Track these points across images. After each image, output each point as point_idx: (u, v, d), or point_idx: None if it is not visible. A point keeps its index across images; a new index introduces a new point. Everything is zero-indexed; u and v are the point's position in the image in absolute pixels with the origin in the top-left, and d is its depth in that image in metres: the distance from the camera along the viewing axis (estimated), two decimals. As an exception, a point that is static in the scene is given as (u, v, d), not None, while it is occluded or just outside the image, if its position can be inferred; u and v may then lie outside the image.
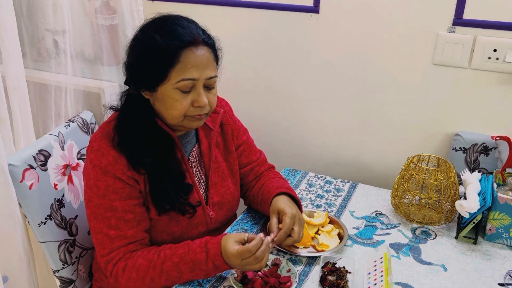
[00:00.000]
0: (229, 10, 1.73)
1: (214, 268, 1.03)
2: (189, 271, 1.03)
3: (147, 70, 1.03)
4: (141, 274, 1.03)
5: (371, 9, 1.52)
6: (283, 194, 1.19)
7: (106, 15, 1.57)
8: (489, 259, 1.17)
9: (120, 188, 1.06)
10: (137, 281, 1.04)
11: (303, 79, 1.71)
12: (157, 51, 1.00)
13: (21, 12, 1.50)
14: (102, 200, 1.05)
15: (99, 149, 1.06)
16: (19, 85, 1.28)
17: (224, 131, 1.27)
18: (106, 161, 1.05)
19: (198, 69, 1.02)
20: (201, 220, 1.17)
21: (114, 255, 1.06)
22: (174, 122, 1.08)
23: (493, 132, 1.47)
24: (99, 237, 1.07)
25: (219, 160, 1.23)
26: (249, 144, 1.34)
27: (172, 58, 1.00)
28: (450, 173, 1.28)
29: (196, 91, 1.04)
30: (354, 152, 1.73)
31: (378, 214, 1.37)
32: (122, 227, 1.05)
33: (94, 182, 1.06)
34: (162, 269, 1.03)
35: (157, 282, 1.04)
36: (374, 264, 1.07)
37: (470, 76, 1.47)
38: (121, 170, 1.05)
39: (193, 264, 1.03)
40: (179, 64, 1.00)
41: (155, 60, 1.01)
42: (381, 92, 1.61)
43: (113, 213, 1.05)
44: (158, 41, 1.00)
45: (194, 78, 1.02)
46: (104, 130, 1.09)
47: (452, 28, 1.44)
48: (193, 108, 1.05)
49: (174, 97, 1.03)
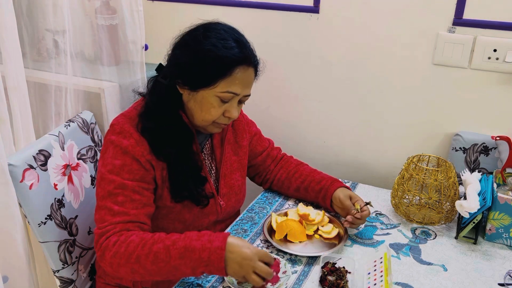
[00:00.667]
0: (229, 10, 1.73)
1: (206, 261, 0.95)
2: (178, 257, 0.96)
3: (198, 72, 1.07)
4: (129, 250, 0.99)
5: (371, 9, 1.53)
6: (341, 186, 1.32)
7: (106, 15, 1.57)
8: (489, 259, 1.17)
9: (136, 170, 1.08)
10: (122, 257, 0.99)
11: (303, 79, 1.72)
12: (215, 60, 1.05)
13: (21, 12, 1.50)
14: (115, 177, 1.07)
15: (121, 132, 1.09)
16: (19, 85, 1.28)
17: (234, 127, 1.33)
18: (127, 142, 1.08)
19: (243, 86, 1.09)
20: (212, 209, 1.22)
21: (110, 228, 1.04)
22: (200, 124, 1.13)
23: (493, 132, 1.47)
24: (101, 213, 1.06)
25: (229, 154, 1.29)
26: (259, 134, 1.44)
27: (225, 70, 1.06)
28: (450, 173, 1.28)
29: (231, 104, 1.11)
30: (354, 152, 1.73)
31: (378, 214, 1.37)
32: (127, 205, 1.06)
33: (111, 160, 1.08)
34: (151, 249, 0.98)
35: (142, 262, 0.98)
36: (374, 264, 1.07)
37: (470, 76, 1.47)
38: (141, 152, 1.08)
39: (185, 250, 0.97)
40: (229, 77, 1.06)
41: (209, 68, 1.06)
42: (381, 92, 1.61)
43: (122, 190, 1.06)
44: (220, 50, 1.05)
45: (236, 93, 1.09)
46: (128, 115, 1.13)
47: (452, 28, 1.44)
48: (223, 117, 1.12)
49: (212, 103, 1.09)
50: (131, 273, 1.00)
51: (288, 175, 1.41)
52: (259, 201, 1.43)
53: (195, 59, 1.07)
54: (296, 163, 1.43)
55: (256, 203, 1.42)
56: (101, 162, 1.11)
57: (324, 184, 1.33)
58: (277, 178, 1.43)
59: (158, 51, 1.73)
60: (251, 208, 1.39)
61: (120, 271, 1.01)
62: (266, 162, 1.43)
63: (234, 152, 1.31)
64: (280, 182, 1.43)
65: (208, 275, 1.07)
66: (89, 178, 1.41)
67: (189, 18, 1.13)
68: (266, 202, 1.42)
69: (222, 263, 0.94)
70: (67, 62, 1.49)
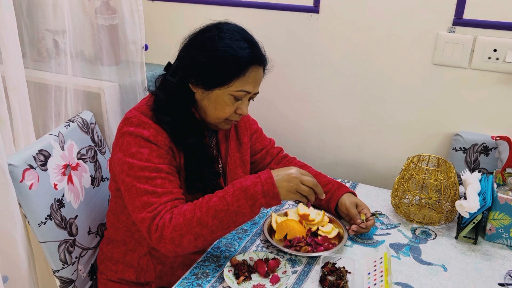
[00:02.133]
0: (229, 10, 1.73)
1: (261, 192, 1.03)
2: (236, 200, 1.03)
3: (214, 72, 1.10)
4: (187, 217, 1.03)
5: (371, 9, 1.53)
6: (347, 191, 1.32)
7: (106, 15, 1.57)
8: (489, 259, 1.17)
9: (164, 154, 1.10)
10: (183, 227, 1.03)
11: (302, 79, 1.72)
12: (230, 61, 1.09)
13: (21, 12, 1.50)
14: (147, 163, 1.08)
15: (140, 124, 1.11)
16: (19, 85, 1.28)
17: (236, 124, 1.34)
18: (148, 132, 1.10)
19: (254, 84, 1.14)
20: None
21: (161, 208, 1.06)
22: (213, 121, 1.17)
23: (493, 132, 1.47)
24: (144, 198, 1.06)
25: (233, 150, 1.31)
26: (260, 132, 1.45)
27: (240, 70, 1.10)
28: (450, 173, 1.28)
29: (243, 101, 1.15)
30: (354, 152, 1.73)
31: (378, 214, 1.37)
32: (167, 185, 1.08)
33: (137, 149, 1.09)
34: (208, 206, 1.04)
35: (203, 221, 1.03)
36: (374, 264, 1.07)
37: (470, 76, 1.47)
38: (163, 141, 1.11)
39: (240, 191, 1.04)
40: (243, 77, 1.11)
41: (225, 68, 1.09)
42: (381, 92, 1.61)
43: (158, 173, 1.08)
44: (235, 50, 1.09)
45: (249, 92, 1.13)
46: (141, 109, 1.15)
47: (452, 28, 1.44)
48: (235, 115, 1.17)
49: (226, 101, 1.13)
50: (194, 239, 1.03)
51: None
52: (259, 201, 1.43)
53: (212, 59, 1.10)
54: (300, 164, 1.44)
55: (256, 203, 1.42)
56: (123, 154, 1.10)
57: (330, 188, 1.33)
58: None
59: (158, 51, 1.74)
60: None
61: (183, 242, 1.03)
62: (266, 160, 1.44)
63: (237, 148, 1.33)
64: None
65: (266, 208, 1.09)
66: (89, 178, 1.41)
67: (189, 18, 1.14)
68: (266, 202, 1.42)
69: (275, 188, 1.03)
70: (67, 62, 1.49)
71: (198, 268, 1.12)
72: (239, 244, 1.21)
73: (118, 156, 1.12)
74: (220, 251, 1.18)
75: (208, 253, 1.18)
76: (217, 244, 1.21)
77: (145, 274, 1.24)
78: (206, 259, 1.15)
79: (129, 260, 1.25)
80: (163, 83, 1.18)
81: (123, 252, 1.26)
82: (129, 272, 1.25)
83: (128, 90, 1.59)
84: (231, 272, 1.07)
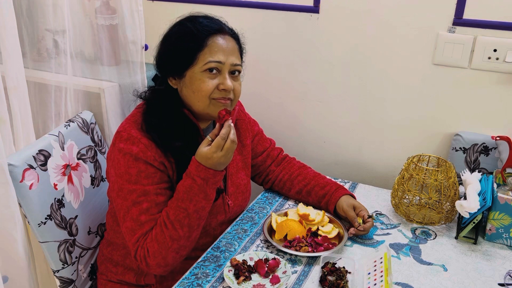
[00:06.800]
0: (229, 10, 1.73)
1: (205, 182, 1.04)
2: (189, 202, 1.05)
3: (177, 55, 1.11)
4: (160, 240, 1.05)
5: (371, 9, 1.53)
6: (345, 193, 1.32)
7: (106, 15, 1.57)
8: (489, 259, 1.17)
9: (152, 173, 1.09)
10: (162, 250, 1.05)
11: (302, 79, 1.72)
12: (187, 36, 1.10)
13: (21, 12, 1.50)
14: (135, 185, 1.08)
15: (129, 138, 1.10)
16: (19, 85, 1.28)
17: (238, 126, 1.34)
18: (137, 149, 1.08)
19: (224, 53, 1.10)
20: (220, 209, 1.24)
21: (142, 239, 1.09)
22: (201, 108, 1.12)
23: (493, 132, 1.47)
24: (129, 224, 1.09)
25: (235, 153, 1.30)
26: (261, 133, 1.45)
27: (200, 42, 1.09)
28: (450, 173, 1.28)
29: (222, 76, 1.11)
30: (354, 152, 1.73)
31: (378, 214, 1.37)
32: (152, 210, 1.08)
33: (125, 170, 1.09)
34: (170, 221, 1.05)
35: (175, 236, 1.05)
36: (374, 264, 1.07)
37: (470, 76, 1.47)
38: (152, 156, 1.09)
39: (187, 194, 1.05)
40: (207, 48, 1.09)
41: (185, 45, 1.10)
42: (381, 92, 1.61)
43: (145, 197, 1.08)
44: (188, 27, 1.11)
45: (220, 61, 1.10)
46: (132, 119, 1.15)
47: (452, 28, 1.44)
48: (218, 91, 1.11)
49: (201, 78, 1.10)
50: (177, 253, 1.07)
51: (290, 177, 1.41)
52: (259, 201, 1.43)
53: (171, 44, 1.13)
54: (299, 166, 1.44)
55: (256, 203, 1.42)
56: (114, 172, 1.11)
57: (328, 189, 1.33)
58: (278, 179, 1.43)
59: (158, 51, 1.74)
60: (251, 208, 1.39)
61: (168, 261, 1.06)
62: (266, 162, 1.44)
63: (238, 151, 1.33)
64: (281, 183, 1.43)
65: (215, 188, 1.10)
66: (89, 178, 1.41)
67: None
68: (266, 202, 1.42)
69: (211, 171, 1.04)
70: (67, 62, 1.49)
71: (198, 268, 1.12)
72: (239, 244, 1.21)
73: (111, 172, 1.14)
74: (220, 251, 1.18)
75: (208, 253, 1.18)
76: (217, 244, 1.21)
77: (145, 277, 1.23)
78: (206, 259, 1.15)
79: (129, 263, 1.25)
80: (152, 93, 1.19)
81: (123, 255, 1.26)
82: (129, 274, 1.25)
83: (128, 90, 1.59)
84: (231, 272, 1.07)
